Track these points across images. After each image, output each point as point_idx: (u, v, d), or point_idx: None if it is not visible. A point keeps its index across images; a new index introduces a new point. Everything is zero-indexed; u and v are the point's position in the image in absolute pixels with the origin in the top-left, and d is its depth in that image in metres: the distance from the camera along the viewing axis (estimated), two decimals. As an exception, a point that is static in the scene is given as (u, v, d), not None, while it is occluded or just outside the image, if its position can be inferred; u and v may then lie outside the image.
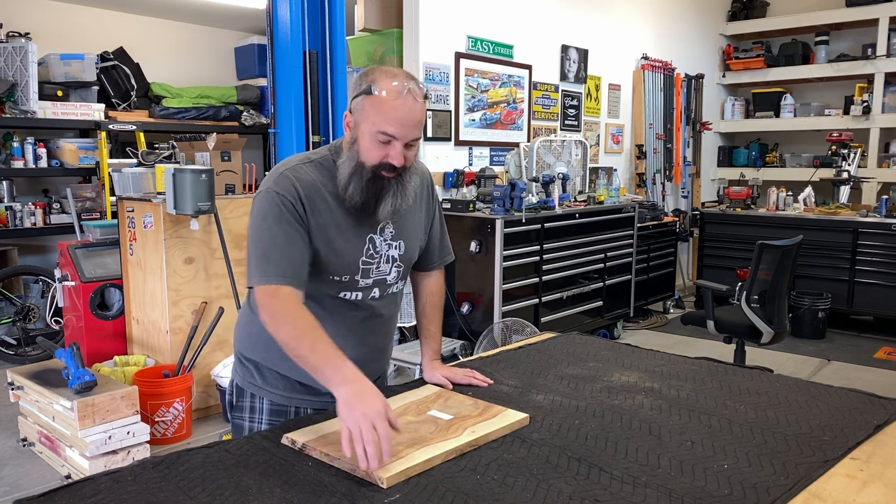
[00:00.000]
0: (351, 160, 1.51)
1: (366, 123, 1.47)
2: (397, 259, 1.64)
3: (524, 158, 5.14)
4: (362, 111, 1.47)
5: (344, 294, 1.59)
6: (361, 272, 1.58)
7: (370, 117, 1.46)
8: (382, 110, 1.44)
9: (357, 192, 1.51)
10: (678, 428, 1.47)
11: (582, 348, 2.09)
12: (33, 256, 5.65)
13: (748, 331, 3.88)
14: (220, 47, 6.81)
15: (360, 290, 1.60)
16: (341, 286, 1.58)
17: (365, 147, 1.48)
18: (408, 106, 1.45)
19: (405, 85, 1.46)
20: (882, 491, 1.21)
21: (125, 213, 3.97)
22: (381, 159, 1.48)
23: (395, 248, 1.63)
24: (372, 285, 1.61)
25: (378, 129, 1.45)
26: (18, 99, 4.98)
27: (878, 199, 5.87)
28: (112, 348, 4.06)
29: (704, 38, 7.55)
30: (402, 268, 1.66)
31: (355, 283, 1.58)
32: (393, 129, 1.45)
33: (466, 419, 1.46)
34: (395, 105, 1.44)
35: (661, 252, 6.18)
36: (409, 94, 1.45)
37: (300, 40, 4.08)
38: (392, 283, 1.66)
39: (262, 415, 1.64)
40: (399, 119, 1.45)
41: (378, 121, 1.45)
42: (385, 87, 1.45)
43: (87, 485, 1.19)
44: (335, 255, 1.54)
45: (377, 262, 1.60)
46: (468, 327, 4.40)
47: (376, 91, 1.45)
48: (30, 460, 3.30)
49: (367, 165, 1.49)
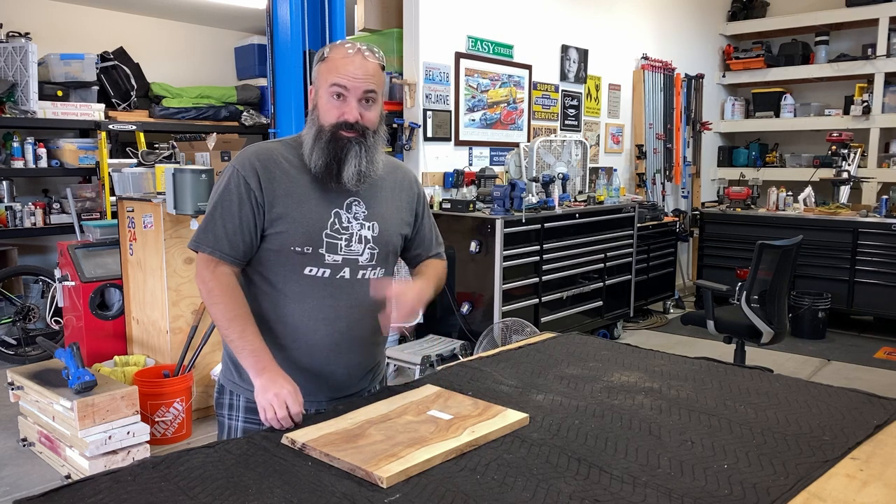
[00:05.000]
0: (312, 126, 1.59)
1: (322, 86, 1.56)
2: (370, 241, 1.63)
3: (524, 158, 5.14)
4: (318, 77, 1.57)
5: (310, 269, 1.57)
6: (326, 245, 1.58)
7: (325, 78, 1.55)
8: (334, 67, 1.54)
9: (319, 154, 1.56)
10: (678, 428, 1.47)
11: (582, 348, 2.09)
12: (33, 256, 5.65)
13: (748, 331, 3.88)
14: (220, 47, 6.81)
15: (327, 267, 1.58)
16: (305, 259, 1.57)
17: (322, 109, 1.56)
18: (358, 61, 1.53)
19: (357, 45, 1.57)
20: (882, 491, 1.21)
21: (125, 213, 3.97)
22: (338, 118, 1.54)
23: (369, 229, 1.63)
24: (342, 263, 1.59)
25: (330, 83, 1.53)
26: (18, 99, 4.98)
27: (878, 199, 5.87)
28: (112, 348, 4.06)
29: (704, 38, 7.55)
30: (376, 251, 1.64)
31: (320, 257, 1.57)
32: (343, 80, 1.52)
33: (466, 419, 1.46)
34: (345, 61, 1.53)
35: (661, 252, 6.18)
36: (359, 52, 1.55)
37: (300, 40, 4.09)
38: (365, 266, 1.63)
39: (239, 412, 1.65)
40: (349, 72, 1.52)
41: (330, 76, 1.54)
42: (337, 48, 1.56)
43: (87, 485, 1.19)
44: (295, 224, 1.56)
45: (346, 238, 1.60)
46: (468, 327, 4.40)
47: (329, 54, 1.56)
48: (30, 460, 3.30)
49: (326, 126, 1.55)
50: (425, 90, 4.67)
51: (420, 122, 4.64)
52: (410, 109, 4.67)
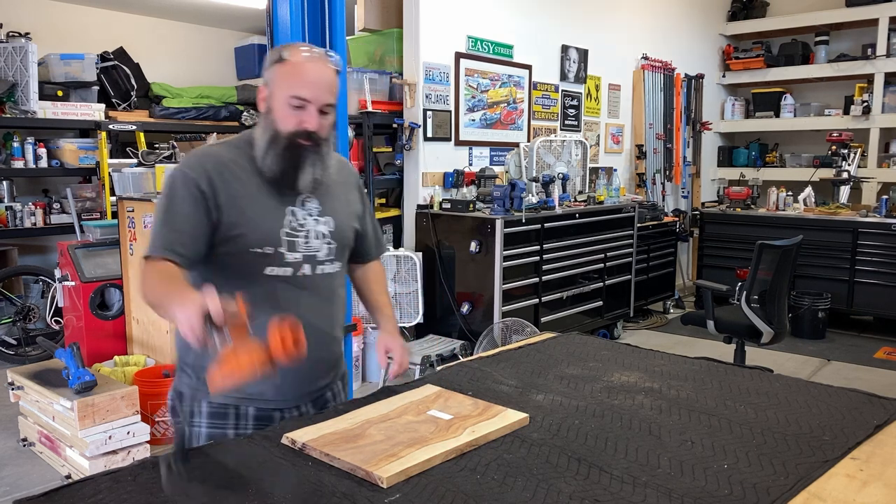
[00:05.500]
0: (266, 130, 1.54)
1: (279, 91, 1.51)
2: (327, 235, 1.63)
3: (524, 158, 5.14)
4: (275, 80, 1.53)
5: (271, 269, 1.56)
6: (287, 244, 1.57)
7: (283, 83, 1.51)
8: (295, 74, 1.50)
9: (275, 161, 1.53)
10: (678, 428, 1.47)
11: (582, 348, 2.09)
12: (33, 256, 5.65)
13: (748, 331, 3.88)
14: (220, 47, 6.81)
15: (288, 265, 1.57)
16: (267, 260, 1.55)
17: (279, 115, 1.52)
18: (319, 69, 1.51)
19: (315, 51, 1.54)
20: (882, 491, 1.21)
21: (125, 213, 3.97)
22: (297, 126, 1.51)
23: (324, 224, 1.63)
24: (302, 261, 1.59)
25: (291, 94, 1.49)
26: (18, 99, 4.98)
27: (878, 199, 5.87)
28: (112, 348, 4.06)
29: (704, 38, 7.55)
30: (333, 245, 1.64)
31: (281, 256, 1.56)
32: (306, 92, 1.49)
33: (466, 419, 1.46)
34: (306, 68, 1.50)
35: (660, 252, 6.18)
36: (320, 58, 1.52)
37: (300, 40, 4.08)
38: (324, 261, 1.63)
39: (202, 418, 1.59)
40: (311, 82, 1.50)
41: (291, 85, 1.50)
42: (296, 53, 1.52)
43: (87, 485, 1.19)
44: (252, 225, 1.53)
45: (304, 236, 1.59)
46: (468, 327, 4.40)
47: (287, 57, 1.51)
48: (30, 460, 3.30)
49: (283, 133, 1.52)
50: (425, 90, 4.67)
51: (420, 122, 4.64)
52: (410, 109, 4.67)
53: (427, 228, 4.56)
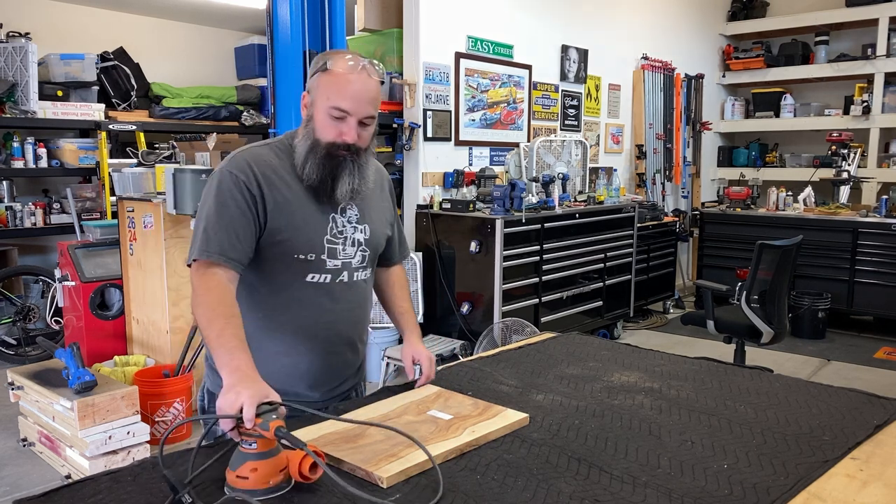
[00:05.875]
0: (307, 138, 1.54)
1: (321, 100, 1.50)
2: (363, 243, 1.64)
3: (524, 158, 5.14)
4: (318, 89, 1.51)
5: (312, 277, 1.57)
6: (328, 251, 1.57)
7: (325, 93, 1.49)
8: (337, 85, 1.48)
9: (313, 169, 1.53)
10: (678, 428, 1.47)
11: (582, 348, 2.09)
12: (33, 256, 5.65)
13: (748, 331, 3.88)
14: (220, 47, 6.81)
15: (328, 273, 1.58)
16: (308, 267, 1.56)
17: (320, 124, 1.51)
18: (362, 81, 1.49)
19: (360, 62, 1.50)
20: (882, 491, 1.21)
21: (125, 213, 3.97)
22: (336, 137, 1.50)
23: (361, 232, 1.63)
24: (341, 268, 1.60)
25: (332, 105, 1.48)
26: (18, 99, 4.98)
27: (878, 199, 5.87)
28: (112, 348, 4.06)
29: (704, 38, 7.55)
30: (367, 253, 1.65)
31: (322, 263, 1.57)
32: (346, 104, 1.48)
33: (466, 419, 1.46)
34: (349, 80, 1.48)
35: (660, 252, 6.18)
36: (364, 70, 1.50)
37: (300, 40, 4.08)
38: (357, 268, 1.64)
39: None
40: (353, 94, 1.48)
41: (332, 96, 1.48)
42: (340, 63, 1.49)
43: (87, 485, 1.19)
44: (297, 231, 1.54)
45: (342, 242, 1.60)
46: (468, 327, 4.40)
47: (331, 66, 1.49)
48: (30, 460, 3.30)
49: (322, 143, 1.51)
50: (425, 90, 4.67)
51: (420, 122, 4.64)
52: (410, 109, 4.67)
53: (427, 228, 4.56)
